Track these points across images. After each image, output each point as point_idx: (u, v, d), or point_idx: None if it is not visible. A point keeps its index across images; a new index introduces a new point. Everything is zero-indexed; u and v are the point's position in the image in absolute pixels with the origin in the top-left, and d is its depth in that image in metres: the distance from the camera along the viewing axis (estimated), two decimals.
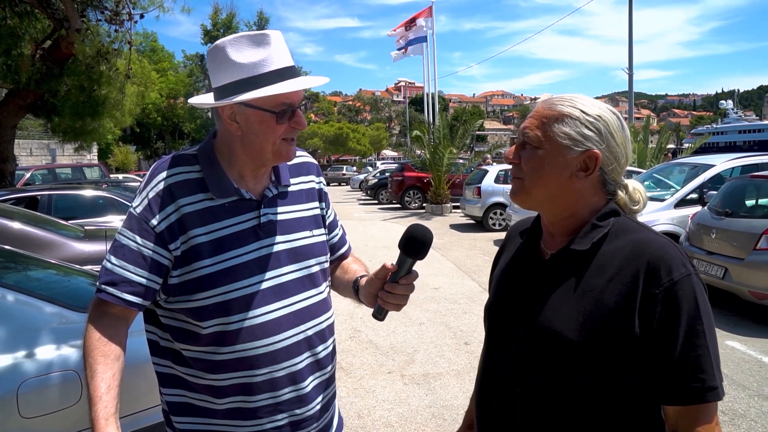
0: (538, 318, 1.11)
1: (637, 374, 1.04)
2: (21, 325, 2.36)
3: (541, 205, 1.17)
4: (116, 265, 1.25)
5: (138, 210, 1.28)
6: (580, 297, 1.08)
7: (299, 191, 1.46)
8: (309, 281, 1.39)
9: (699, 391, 1.01)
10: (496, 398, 1.19)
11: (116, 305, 1.25)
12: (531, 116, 1.17)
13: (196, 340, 1.29)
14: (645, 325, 1.02)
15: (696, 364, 1.01)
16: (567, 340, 1.06)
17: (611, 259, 1.08)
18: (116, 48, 10.54)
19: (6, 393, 2.16)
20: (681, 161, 9.92)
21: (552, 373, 1.08)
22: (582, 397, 1.06)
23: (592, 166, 1.11)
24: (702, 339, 1.01)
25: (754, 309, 5.92)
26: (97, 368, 1.19)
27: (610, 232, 1.11)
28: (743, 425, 3.60)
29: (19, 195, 7.94)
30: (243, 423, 1.32)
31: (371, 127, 76.14)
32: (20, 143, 23.47)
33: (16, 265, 3.22)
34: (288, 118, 1.29)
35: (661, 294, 1.01)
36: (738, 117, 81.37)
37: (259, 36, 1.25)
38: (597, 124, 1.11)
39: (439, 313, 6.23)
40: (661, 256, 1.04)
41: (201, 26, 48.62)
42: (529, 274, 1.20)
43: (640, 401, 1.06)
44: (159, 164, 1.33)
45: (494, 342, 1.25)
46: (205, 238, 1.27)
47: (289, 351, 1.32)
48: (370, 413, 3.89)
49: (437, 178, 17.42)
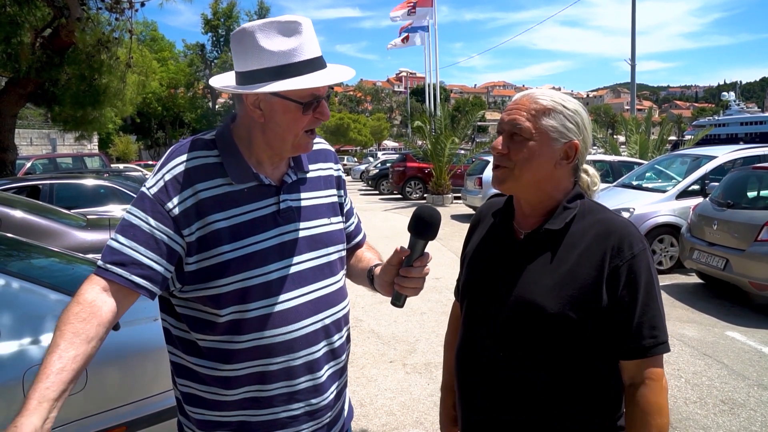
0: (517, 291, 1.24)
1: (601, 337, 1.20)
2: (26, 312, 2.37)
3: (527, 191, 1.28)
4: (125, 245, 1.19)
5: (153, 191, 1.23)
6: (554, 270, 1.22)
7: (317, 178, 1.44)
8: (327, 269, 1.38)
9: (653, 345, 1.18)
10: (477, 367, 1.30)
11: (119, 285, 1.17)
12: (516, 109, 1.26)
13: (213, 329, 1.26)
14: (610, 294, 1.18)
15: (652, 323, 1.18)
16: (544, 309, 1.20)
17: (580, 237, 1.23)
18: (117, 37, 10.50)
19: (12, 379, 2.18)
20: (683, 152, 9.91)
21: (531, 339, 1.22)
22: (557, 360, 1.21)
23: (572, 155, 1.26)
24: (656, 302, 1.20)
25: (755, 300, 5.95)
26: (60, 344, 1.06)
27: (577, 212, 1.25)
28: (743, 414, 3.62)
29: (20, 184, 7.95)
30: (258, 412, 1.30)
31: (372, 117, 76.02)
32: (20, 133, 23.42)
33: (21, 253, 3.23)
34: (313, 109, 1.26)
35: (624, 266, 1.18)
36: (740, 109, 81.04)
37: (291, 24, 1.22)
38: (576, 118, 1.26)
39: (441, 303, 6.25)
40: (624, 234, 1.20)
41: (201, 15, 48.52)
42: (504, 252, 1.32)
43: (603, 359, 1.22)
44: (177, 147, 1.30)
45: (473, 317, 1.34)
46: (224, 224, 1.24)
47: (307, 339, 1.31)
48: (372, 401, 3.91)
49: (438, 168, 17.40)
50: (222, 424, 1.32)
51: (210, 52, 50.23)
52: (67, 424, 2.26)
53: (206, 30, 48.78)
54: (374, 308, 6.04)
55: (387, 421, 3.64)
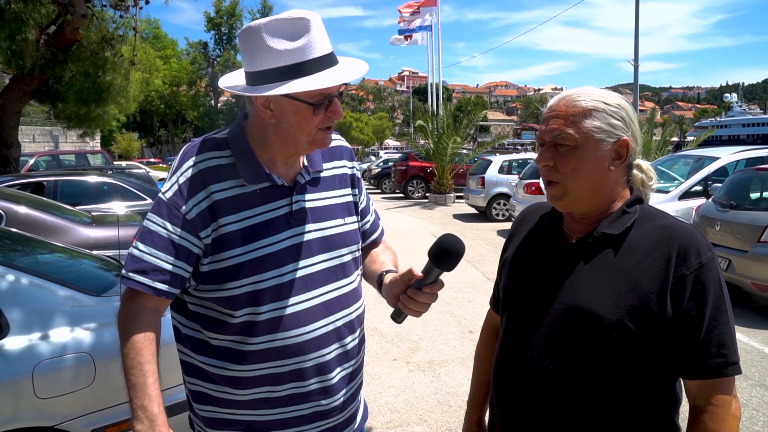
0: (569, 299, 1.14)
1: (663, 351, 1.09)
2: (35, 307, 2.38)
3: (585, 202, 1.17)
4: (145, 252, 1.20)
5: (168, 195, 1.23)
6: (612, 277, 1.11)
7: (332, 177, 1.41)
8: (340, 271, 1.36)
9: (722, 366, 1.07)
10: (523, 380, 1.19)
11: (148, 295, 1.20)
12: (554, 117, 1.15)
13: (225, 329, 1.26)
14: (675, 305, 1.07)
15: (720, 340, 1.07)
16: (601, 318, 1.09)
17: (639, 243, 1.12)
18: (121, 34, 10.51)
19: (23, 373, 2.20)
20: (686, 154, 9.91)
21: (586, 352, 1.11)
22: (612, 374, 1.10)
23: (624, 153, 1.15)
24: (725, 317, 1.08)
25: (757, 301, 5.95)
26: (150, 368, 1.18)
27: (637, 217, 1.15)
28: (745, 414, 3.63)
29: (25, 180, 7.96)
30: (267, 412, 1.30)
31: (374, 116, 75.95)
32: (23, 129, 23.42)
33: (29, 249, 3.25)
34: (325, 108, 1.23)
35: (691, 276, 1.07)
36: (742, 110, 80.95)
37: (299, 20, 1.18)
38: (620, 113, 1.15)
39: (443, 301, 6.25)
40: (690, 241, 1.10)
41: (204, 13, 48.52)
42: (553, 256, 1.21)
43: (663, 377, 1.11)
44: (189, 148, 1.29)
45: (516, 326, 1.24)
46: (236, 227, 1.23)
47: (318, 342, 1.29)
48: (376, 399, 3.93)
49: (441, 167, 17.41)
50: (231, 422, 1.32)
51: (213, 50, 50.30)
52: (76, 418, 2.28)
53: (209, 28, 48.81)
54: (378, 306, 6.01)
55: (391, 418, 3.66)
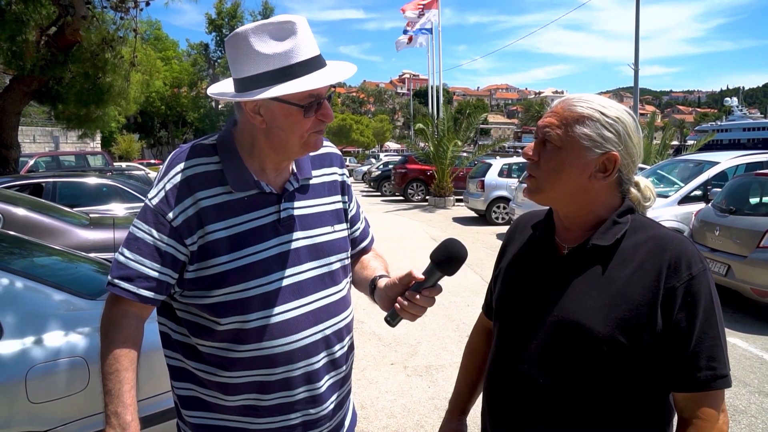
0: (560, 311, 1.13)
1: (652, 363, 1.08)
2: (30, 311, 2.37)
3: (559, 203, 1.18)
4: (131, 258, 1.21)
5: (154, 202, 1.23)
6: (602, 290, 1.10)
7: (321, 184, 1.40)
8: (329, 279, 1.35)
9: (711, 379, 1.05)
10: (515, 392, 1.18)
11: (132, 302, 1.21)
12: (550, 115, 1.16)
13: (212, 336, 1.26)
14: (665, 317, 1.06)
15: (710, 353, 1.06)
16: (592, 332, 1.08)
17: (631, 254, 1.11)
18: (121, 36, 10.51)
19: (15, 378, 2.18)
20: (685, 158, 9.90)
21: (577, 365, 1.10)
22: (604, 387, 1.09)
23: (611, 168, 1.12)
24: (715, 329, 1.07)
25: (756, 306, 5.93)
26: (127, 376, 1.20)
27: (628, 228, 1.14)
28: (744, 421, 3.61)
29: (23, 182, 7.95)
30: (255, 420, 1.29)
31: (375, 118, 76.07)
32: (23, 130, 23.47)
33: (25, 252, 3.23)
34: (315, 110, 1.23)
35: (681, 288, 1.06)
36: (743, 114, 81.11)
37: (285, 24, 1.18)
38: (616, 126, 1.12)
39: (442, 305, 6.23)
40: (681, 252, 1.08)
41: (206, 15, 48.55)
42: (545, 267, 1.20)
43: (652, 389, 1.10)
44: (177, 154, 1.28)
45: (508, 338, 1.23)
46: (223, 234, 1.22)
47: (306, 351, 1.29)
48: (373, 404, 3.91)
49: (441, 170, 17.41)
50: (220, 428, 1.31)
51: (214, 52, 50.28)
52: (70, 423, 2.27)
53: (210, 30, 48.84)
54: (375, 310, 5.96)
55: (387, 423, 3.64)
